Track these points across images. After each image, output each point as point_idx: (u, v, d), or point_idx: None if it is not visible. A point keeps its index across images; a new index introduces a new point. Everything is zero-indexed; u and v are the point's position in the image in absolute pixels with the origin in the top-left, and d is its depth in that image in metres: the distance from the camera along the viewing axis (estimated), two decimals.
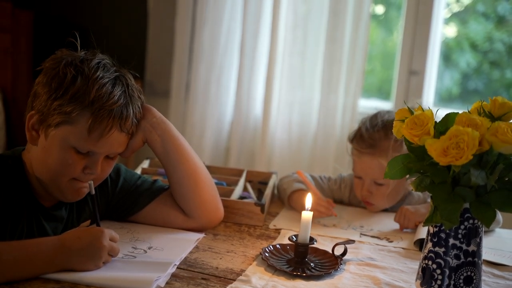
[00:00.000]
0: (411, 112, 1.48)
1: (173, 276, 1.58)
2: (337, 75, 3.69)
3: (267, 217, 2.14)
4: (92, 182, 1.67)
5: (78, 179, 1.67)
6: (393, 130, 1.53)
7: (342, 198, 2.40)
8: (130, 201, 1.90)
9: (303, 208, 2.09)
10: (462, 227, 1.46)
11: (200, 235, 1.89)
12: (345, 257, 1.79)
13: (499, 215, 2.13)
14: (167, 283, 1.54)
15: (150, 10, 4.21)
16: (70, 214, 1.78)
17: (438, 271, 1.48)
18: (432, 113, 1.44)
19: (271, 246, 1.80)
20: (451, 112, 1.45)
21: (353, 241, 1.86)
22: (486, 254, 1.89)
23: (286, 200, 2.27)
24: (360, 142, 2.27)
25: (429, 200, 2.15)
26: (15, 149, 1.76)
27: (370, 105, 3.94)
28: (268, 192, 2.22)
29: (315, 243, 1.74)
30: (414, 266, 1.77)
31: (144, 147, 1.84)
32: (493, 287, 1.69)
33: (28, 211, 1.67)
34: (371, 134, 2.25)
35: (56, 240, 1.54)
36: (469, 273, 1.47)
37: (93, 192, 1.66)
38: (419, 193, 2.30)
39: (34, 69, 1.73)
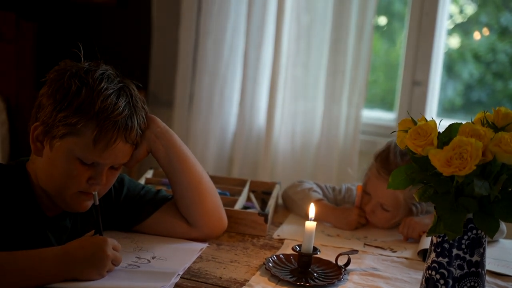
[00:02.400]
0: (415, 123, 1.49)
1: (177, 286, 1.59)
2: (340, 86, 3.69)
3: (270, 227, 2.13)
4: (96, 193, 1.67)
5: (83, 192, 1.67)
6: (396, 141, 1.53)
7: None
8: (134, 211, 1.90)
9: (324, 217, 2.14)
10: (466, 237, 1.46)
11: (204, 245, 1.89)
12: (349, 267, 1.79)
13: (503, 225, 2.13)
14: None
15: (154, 21, 4.22)
16: (74, 224, 1.79)
17: (442, 282, 1.48)
18: (435, 124, 1.45)
19: (274, 256, 1.80)
20: (454, 123, 1.46)
21: (356, 251, 1.86)
22: (490, 264, 1.89)
23: (305, 212, 2.25)
24: (384, 164, 2.20)
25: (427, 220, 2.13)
26: (19, 159, 1.77)
27: (373, 115, 3.94)
28: (271, 202, 2.22)
29: (318, 253, 1.74)
30: (417, 276, 1.77)
31: (147, 157, 1.85)
32: None
33: (32, 221, 1.67)
34: (397, 162, 2.16)
35: (60, 250, 1.54)
36: (472, 283, 1.47)
37: (97, 203, 1.67)
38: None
39: (38, 79, 1.73)
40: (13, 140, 3.94)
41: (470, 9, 3.98)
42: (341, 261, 1.79)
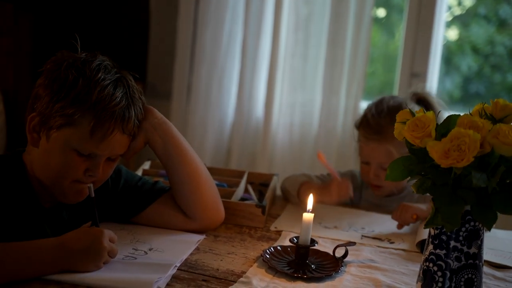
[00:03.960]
0: (413, 114, 1.48)
1: (174, 277, 1.58)
2: (338, 77, 3.69)
3: (268, 219, 2.13)
4: (91, 185, 1.67)
5: (80, 181, 1.67)
6: (394, 133, 1.53)
7: None
8: (131, 202, 1.89)
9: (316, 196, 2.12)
10: (463, 229, 1.46)
11: (201, 237, 1.89)
12: (346, 259, 1.79)
13: None
14: (167, 284, 1.54)
15: (152, 12, 4.21)
16: (71, 216, 1.78)
17: (439, 274, 1.48)
18: (433, 115, 1.44)
19: (272, 248, 1.79)
20: (452, 114, 1.45)
21: (354, 243, 1.86)
22: (487, 254, 1.89)
23: (296, 196, 2.31)
24: (366, 128, 2.34)
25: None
26: (15, 150, 1.76)
27: None
28: (269, 193, 2.21)
29: (316, 245, 1.73)
30: (415, 268, 1.77)
31: (145, 148, 1.84)
32: None
33: (28, 213, 1.67)
34: (377, 121, 2.31)
35: (56, 241, 1.54)
36: (470, 275, 1.47)
37: (93, 195, 1.66)
38: None
39: (35, 70, 1.73)
40: (10, 131, 3.93)
41: (468, 1, 3.98)
42: (339, 253, 1.79)
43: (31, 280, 1.48)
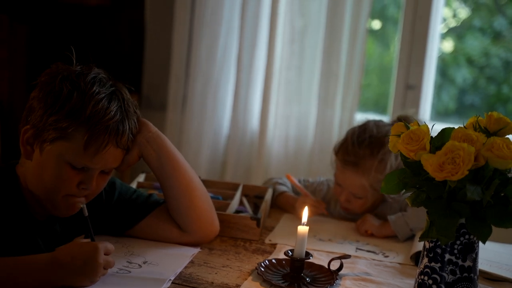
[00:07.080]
0: (407, 127, 1.48)
1: None
2: (333, 89, 3.69)
3: (263, 231, 2.13)
4: (85, 205, 1.66)
5: (72, 195, 1.66)
6: (389, 145, 1.53)
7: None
8: (125, 215, 1.89)
9: (289, 209, 2.28)
10: (458, 242, 1.46)
11: (196, 250, 1.88)
12: (341, 272, 1.78)
13: None
14: None
15: (147, 24, 4.21)
16: (64, 229, 1.78)
17: (434, 287, 1.48)
18: (428, 128, 1.44)
19: (266, 261, 1.79)
20: (447, 127, 1.46)
21: (349, 256, 1.85)
22: (482, 264, 1.88)
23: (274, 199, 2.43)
24: (344, 156, 2.28)
25: (408, 209, 2.20)
26: (9, 162, 1.76)
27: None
28: (264, 206, 2.21)
29: (311, 258, 1.73)
30: (410, 281, 1.77)
31: (139, 161, 1.84)
32: None
33: (21, 225, 1.66)
34: (356, 151, 2.25)
35: (50, 258, 1.52)
36: None
37: (86, 214, 1.66)
38: (396, 200, 2.30)
39: (30, 82, 1.72)
40: (5, 142, 3.92)
41: (463, 13, 3.99)
42: (334, 266, 1.78)
43: None
